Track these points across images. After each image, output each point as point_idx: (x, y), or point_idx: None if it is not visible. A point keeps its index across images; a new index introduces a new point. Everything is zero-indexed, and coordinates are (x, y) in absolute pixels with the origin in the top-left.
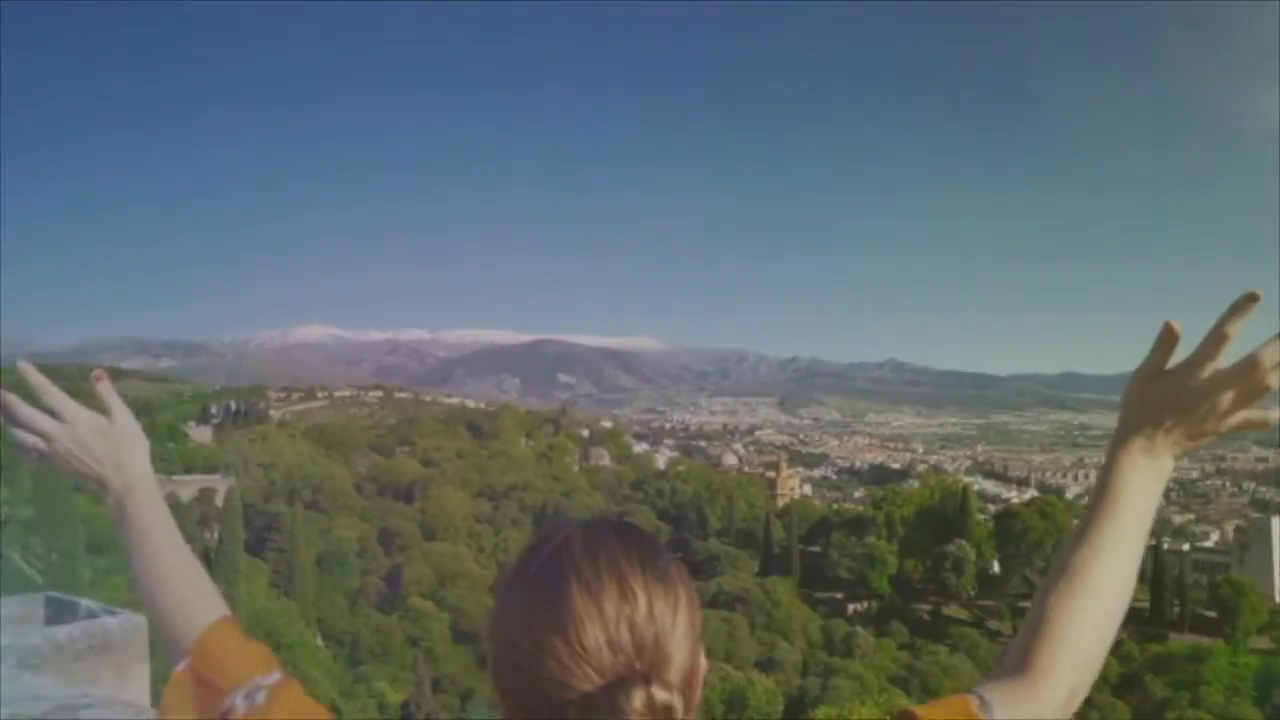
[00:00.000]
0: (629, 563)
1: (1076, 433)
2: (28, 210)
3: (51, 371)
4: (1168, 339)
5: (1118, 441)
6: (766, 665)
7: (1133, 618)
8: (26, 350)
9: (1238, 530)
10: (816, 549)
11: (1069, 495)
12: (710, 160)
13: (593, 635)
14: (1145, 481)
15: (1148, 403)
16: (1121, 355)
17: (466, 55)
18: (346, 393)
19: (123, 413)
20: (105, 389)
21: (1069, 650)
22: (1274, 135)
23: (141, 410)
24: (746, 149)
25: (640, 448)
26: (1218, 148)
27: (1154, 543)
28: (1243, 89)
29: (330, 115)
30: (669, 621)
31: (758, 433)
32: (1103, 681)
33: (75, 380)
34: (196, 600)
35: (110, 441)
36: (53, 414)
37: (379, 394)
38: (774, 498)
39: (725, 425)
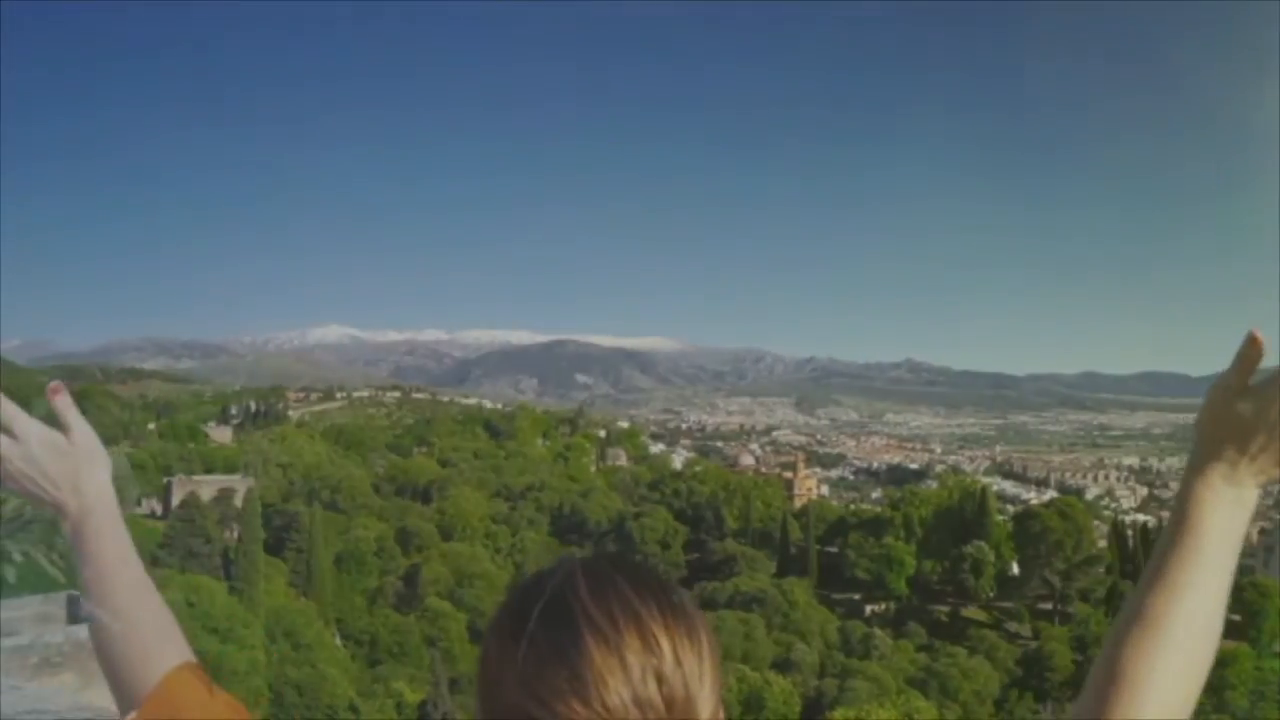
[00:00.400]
0: (645, 605)
1: (1096, 433)
2: (51, 213)
3: (73, 372)
4: (1251, 352)
5: (1195, 470)
6: (783, 666)
7: None
8: (50, 352)
9: (1262, 532)
10: (834, 550)
11: (1089, 496)
12: (726, 162)
13: (616, 693)
14: (1229, 514)
15: (1230, 425)
16: (1141, 355)
17: (476, 58)
18: (364, 393)
19: (82, 429)
20: (63, 403)
21: (1150, 706)
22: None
23: (163, 410)
24: (763, 151)
25: (657, 448)
26: (1239, 145)
27: None
28: (1260, 88)
29: (348, 119)
30: (696, 668)
31: (775, 433)
32: None
33: (97, 381)
34: (157, 643)
35: (67, 461)
36: (5, 430)
37: (397, 394)
38: (791, 498)
39: (742, 425)
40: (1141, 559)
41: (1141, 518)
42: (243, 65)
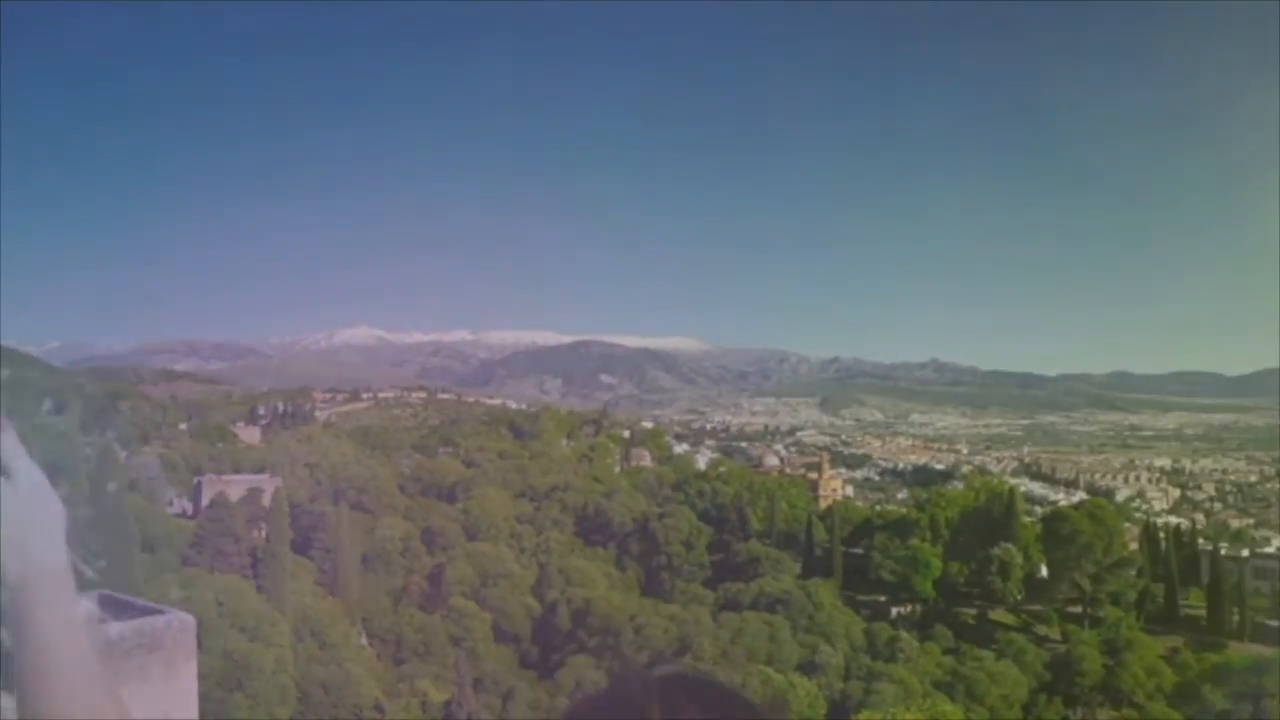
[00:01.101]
0: None
1: (1127, 434)
2: (86, 218)
3: (108, 373)
4: None
5: None
6: (808, 668)
7: (1190, 626)
8: (87, 354)
9: None
10: (859, 551)
11: (1119, 497)
12: (751, 161)
13: None
14: None
15: None
16: (1174, 354)
17: (493, 60)
18: (390, 394)
19: (30, 475)
20: (6, 442)
21: None
22: None
23: (193, 411)
24: (786, 152)
25: (681, 448)
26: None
27: (1211, 548)
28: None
29: (373, 122)
30: None
31: (799, 433)
32: (1157, 691)
33: (131, 382)
34: None
35: (9, 513)
36: None
37: (422, 395)
38: (816, 499)
39: (766, 426)
40: (1174, 562)
41: (1174, 520)
42: (267, 69)
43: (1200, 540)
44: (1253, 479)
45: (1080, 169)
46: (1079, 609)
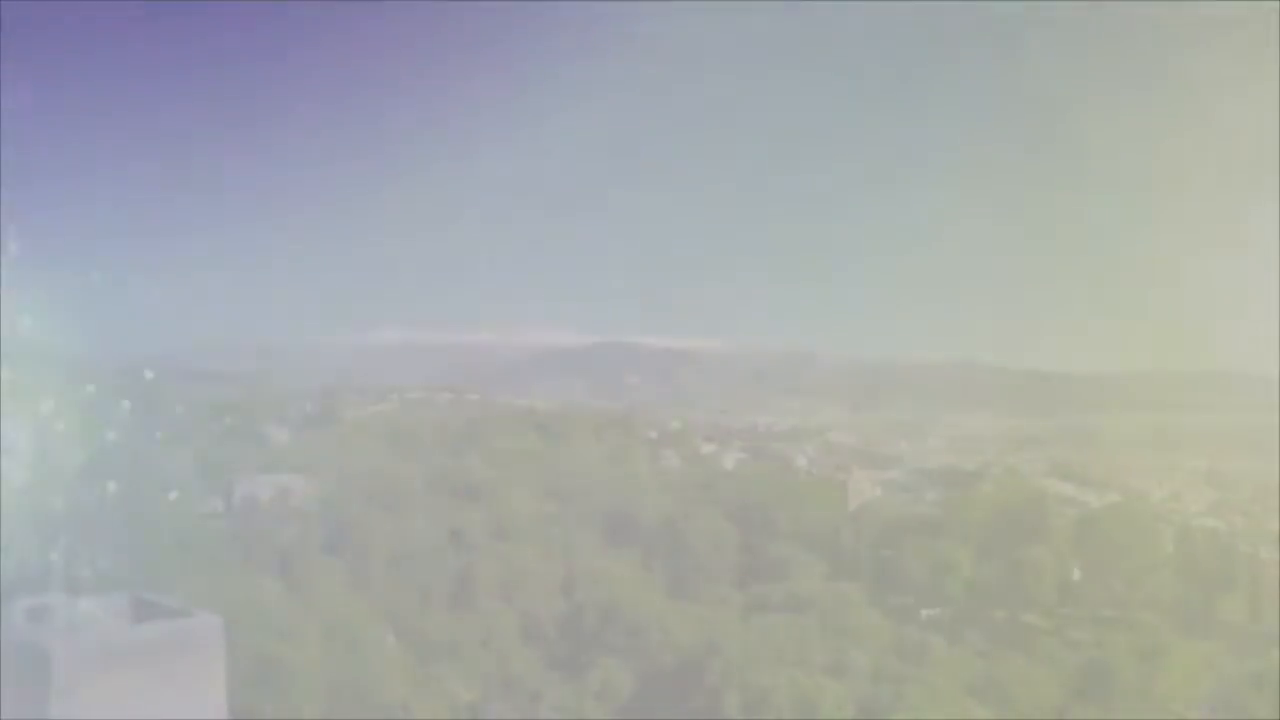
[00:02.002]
0: None
1: (1162, 433)
2: (116, 217)
3: (137, 373)
4: None
5: None
6: (836, 672)
7: (1228, 631)
8: (117, 353)
9: None
10: (888, 553)
11: (1154, 499)
12: (773, 161)
13: None
14: None
15: None
16: (1210, 352)
17: (504, 59)
18: (418, 394)
19: None
20: None
21: None
22: None
23: (223, 410)
24: (808, 152)
25: (708, 449)
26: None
27: (1249, 549)
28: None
29: (399, 123)
30: None
31: (828, 434)
32: (1195, 698)
33: (161, 381)
34: None
35: None
36: None
37: (449, 395)
38: (844, 500)
39: (794, 426)
40: (1211, 565)
41: (1211, 522)
42: (293, 71)
43: (1239, 543)
44: None
45: (1112, 167)
46: (1113, 613)
